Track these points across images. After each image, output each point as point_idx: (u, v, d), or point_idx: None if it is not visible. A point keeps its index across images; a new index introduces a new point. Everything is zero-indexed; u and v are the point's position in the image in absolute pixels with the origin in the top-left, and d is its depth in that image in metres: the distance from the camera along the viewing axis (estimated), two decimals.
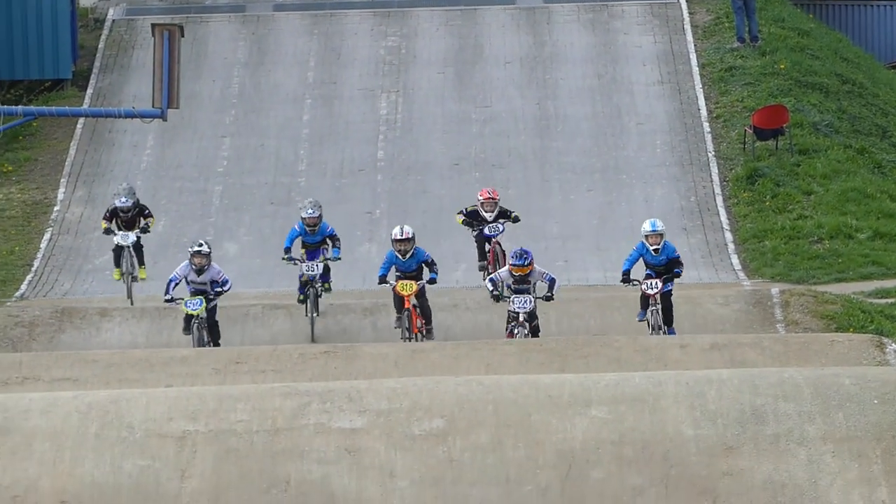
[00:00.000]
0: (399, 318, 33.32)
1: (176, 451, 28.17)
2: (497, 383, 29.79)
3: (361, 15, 61.44)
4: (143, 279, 36.15)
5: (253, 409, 29.57)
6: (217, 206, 54.13)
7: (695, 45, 58.28)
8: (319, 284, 40.84)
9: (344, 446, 28.44)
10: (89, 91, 58.37)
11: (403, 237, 29.01)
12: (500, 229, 32.92)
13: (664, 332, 29.17)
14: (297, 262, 36.95)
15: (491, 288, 31.48)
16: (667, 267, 29.22)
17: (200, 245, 28.92)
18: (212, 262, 28.45)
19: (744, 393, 29.57)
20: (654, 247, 28.83)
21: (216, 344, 33.59)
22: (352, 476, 27.70)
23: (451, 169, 52.96)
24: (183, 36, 52.25)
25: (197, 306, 27.75)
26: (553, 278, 29.52)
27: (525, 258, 30.02)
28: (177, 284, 28.68)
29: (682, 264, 30.03)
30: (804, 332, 39.22)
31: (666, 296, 29.03)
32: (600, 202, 51.06)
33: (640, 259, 29.62)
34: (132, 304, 32.09)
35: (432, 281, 31.71)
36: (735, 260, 47.91)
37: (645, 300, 29.53)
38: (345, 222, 50.08)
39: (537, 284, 30.10)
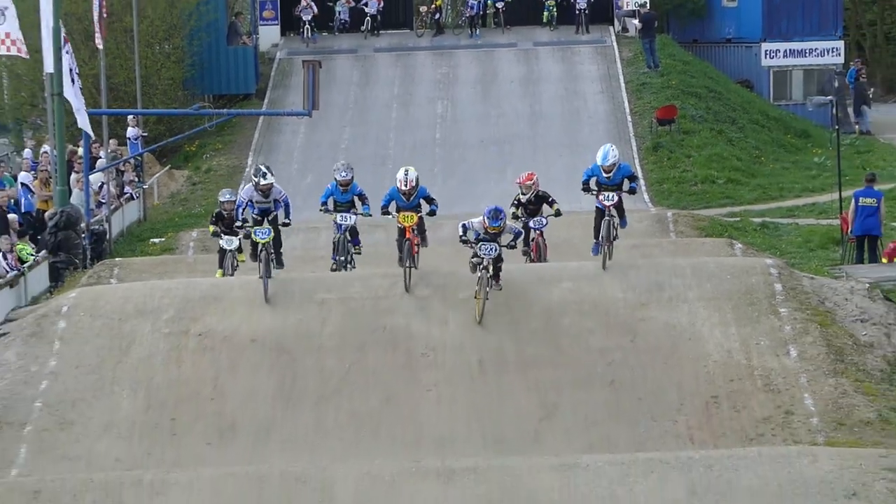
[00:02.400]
0: (401, 258, 27.60)
1: (318, 310, 29.05)
2: (507, 270, 29.86)
3: (426, 54, 62.95)
4: (242, 261, 31.19)
5: (364, 285, 29.99)
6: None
7: (622, 70, 59.67)
8: (352, 247, 32.62)
9: (418, 306, 29.16)
10: (265, 101, 60.33)
11: (408, 188, 24.87)
12: (544, 223, 28.36)
13: (614, 238, 26.05)
14: (331, 212, 29.88)
15: (461, 233, 26.35)
16: (620, 184, 25.58)
17: (265, 175, 24.69)
18: (274, 184, 24.80)
19: (651, 273, 30.20)
20: (607, 175, 25.43)
21: (280, 267, 28.50)
22: (422, 323, 28.40)
23: (478, 145, 54.74)
24: (321, 67, 53.13)
25: (265, 235, 24.05)
26: (519, 231, 25.25)
27: (499, 219, 25.00)
28: (244, 208, 24.90)
29: (636, 177, 26.76)
30: (686, 238, 40.11)
31: (618, 203, 25.76)
32: (567, 165, 51.86)
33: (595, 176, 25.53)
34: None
35: (433, 213, 26.66)
36: (646, 196, 48.49)
37: (598, 229, 26.05)
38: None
39: (503, 235, 25.60)
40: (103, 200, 44.11)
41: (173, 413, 24.59)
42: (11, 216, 37.12)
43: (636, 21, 59.28)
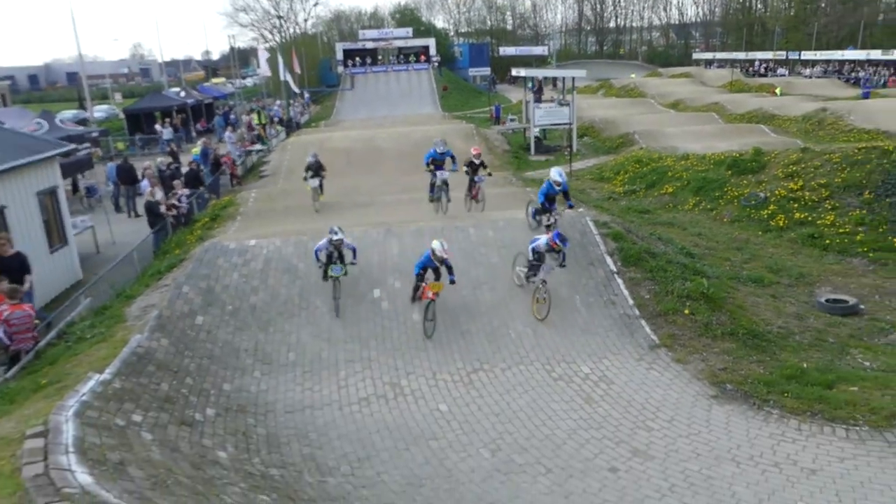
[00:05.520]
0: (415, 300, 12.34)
1: (347, 150, 26.31)
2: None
3: (389, 73, 56.30)
4: (322, 200, 18.10)
5: (364, 141, 27.10)
6: (359, 104, 46.03)
7: (432, 76, 53.95)
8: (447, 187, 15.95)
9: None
10: (339, 86, 54.84)
11: (442, 255, 11.71)
12: (484, 179, 15.85)
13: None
14: (433, 172, 15.50)
15: (531, 256, 12.24)
16: (565, 194, 13.38)
17: (336, 234, 12.62)
18: (344, 239, 12.86)
19: (438, 129, 28.23)
20: (557, 187, 12.97)
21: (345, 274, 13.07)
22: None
23: (398, 94, 49.82)
24: (353, 77, 50.59)
25: (339, 271, 12.79)
26: (565, 254, 12.19)
27: (566, 242, 12.00)
28: (323, 251, 12.98)
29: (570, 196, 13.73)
30: (450, 117, 36.71)
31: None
32: (417, 100, 48.23)
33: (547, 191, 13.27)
34: (317, 210, 17.19)
35: (452, 282, 11.91)
36: (440, 109, 44.43)
37: (544, 211, 13.41)
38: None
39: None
40: (301, 114, 42.63)
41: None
42: (276, 119, 36.23)
43: (437, 63, 57.57)
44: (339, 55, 62.30)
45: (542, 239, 12.09)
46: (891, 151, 17.21)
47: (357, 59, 62.11)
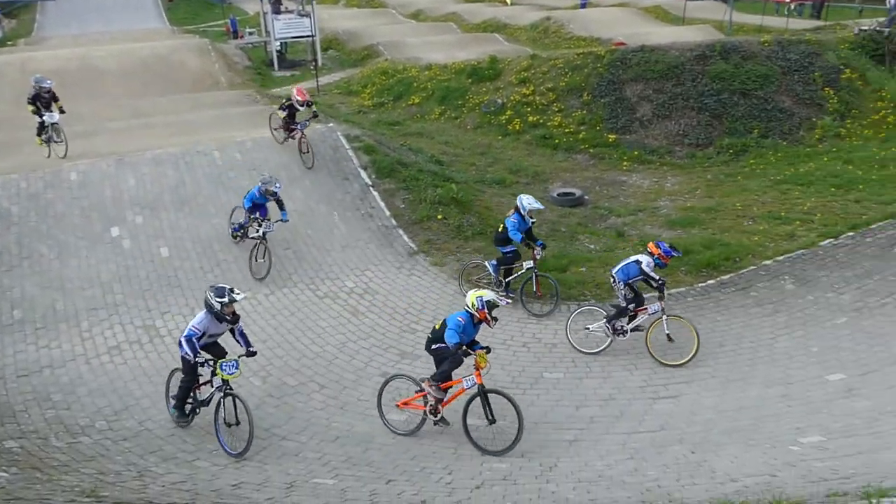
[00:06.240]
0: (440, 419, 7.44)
1: (58, 71, 21.32)
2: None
3: None
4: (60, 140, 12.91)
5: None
6: (68, 18, 36.00)
7: None
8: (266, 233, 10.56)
9: None
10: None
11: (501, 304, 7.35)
12: (307, 123, 13.02)
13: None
14: (254, 215, 10.76)
15: (652, 275, 8.40)
16: (528, 232, 10.06)
17: (232, 294, 6.61)
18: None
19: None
20: (532, 220, 10.00)
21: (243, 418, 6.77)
22: None
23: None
24: None
25: (233, 369, 6.46)
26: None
27: (677, 251, 8.74)
28: (199, 339, 6.65)
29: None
30: (180, 34, 32.70)
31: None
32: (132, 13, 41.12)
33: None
34: (49, 156, 12.86)
35: (487, 351, 7.30)
36: (166, 22, 37.51)
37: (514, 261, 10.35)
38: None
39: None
40: None
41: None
42: None
43: None
44: None
45: (641, 258, 8.64)
46: (603, 56, 18.83)
47: None
